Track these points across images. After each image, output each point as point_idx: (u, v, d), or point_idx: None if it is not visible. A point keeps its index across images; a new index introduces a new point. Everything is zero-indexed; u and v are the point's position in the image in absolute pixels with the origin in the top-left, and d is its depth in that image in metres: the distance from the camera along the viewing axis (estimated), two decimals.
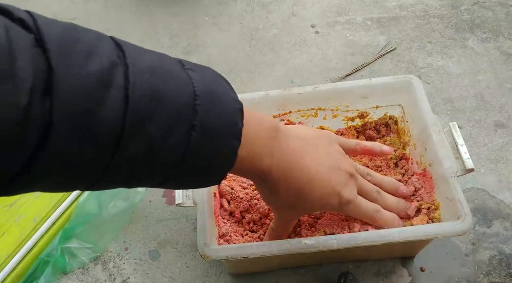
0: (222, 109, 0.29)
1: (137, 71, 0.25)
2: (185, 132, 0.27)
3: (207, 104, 0.28)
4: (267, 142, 0.35)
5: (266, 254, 0.42)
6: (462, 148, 0.46)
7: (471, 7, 0.79)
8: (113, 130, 0.23)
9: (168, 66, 0.27)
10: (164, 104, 0.25)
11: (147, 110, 0.24)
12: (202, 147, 0.28)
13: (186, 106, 0.27)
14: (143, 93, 0.24)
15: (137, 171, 0.26)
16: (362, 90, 0.54)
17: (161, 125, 0.25)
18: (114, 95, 0.23)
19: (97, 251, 0.56)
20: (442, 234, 0.42)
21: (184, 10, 0.84)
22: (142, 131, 0.24)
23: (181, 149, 0.27)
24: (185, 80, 0.28)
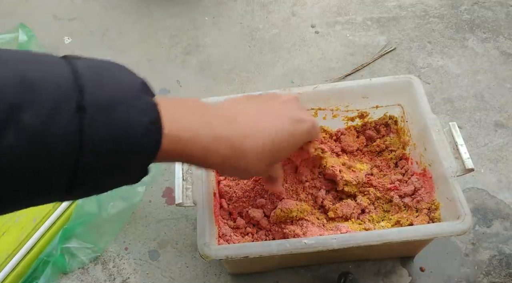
0: (117, 84, 0.26)
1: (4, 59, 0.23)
2: (71, 115, 0.23)
3: (95, 82, 0.25)
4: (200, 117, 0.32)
5: (266, 253, 0.42)
6: (462, 148, 0.46)
7: (471, 7, 0.79)
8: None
9: (39, 56, 0.25)
10: (36, 90, 0.23)
11: (14, 98, 0.22)
12: (100, 128, 0.24)
13: (65, 87, 0.24)
14: (6, 81, 0.22)
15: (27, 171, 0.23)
16: (362, 90, 0.53)
17: (36, 111, 0.22)
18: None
19: (97, 251, 0.56)
20: (442, 234, 0.42)
21: (184, 10, 0.84)
22: (15, 122, 0.22)
23: (74, 136, 0.24)
24: (61, 64, 0.25)
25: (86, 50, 0.79)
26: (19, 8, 0.87)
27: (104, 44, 0.80)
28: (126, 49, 0.79)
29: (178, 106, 0.31)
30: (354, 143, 0.56)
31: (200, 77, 0.74)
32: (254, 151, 0.34)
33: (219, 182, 0.53)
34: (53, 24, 0.84)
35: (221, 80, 0.74)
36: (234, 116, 0.34)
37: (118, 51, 0.79)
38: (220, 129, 0.32)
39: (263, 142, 0.34)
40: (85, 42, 0.81)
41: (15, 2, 0.88)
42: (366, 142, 0.57)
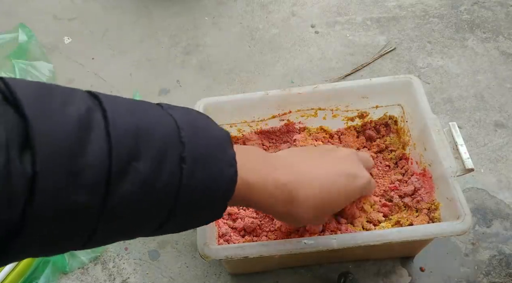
0: (209, 139, 0.29)
1: (115, 112, 0.25)
2: (175, 165, 0.26)
3: (193, 136, 0.28)
4: (267, 166, 0.35)
5: (266, 254, 0.42)
6: (462, 148, 0.46)
7: (471, 7, 0.79)
8: (100, 171, 0.23)
9: (145, 106, 0.28)
10: (148, 140, 0.25)
11: (131, 147, 0.24)
12: (196, 178, 0.27)
13: (171, 139, 0.27)
14: (125, 131, 0.24)
15: (134, 213, 0.26)
16: (362, 90, 0.54)
17: (149, 161, 0.25)
18: (95, 136, 0.23)
19: (97, 251, 0.56)
20: (442, 234, 0.42)
21: (184, 10, 0.84)
22: (130, 169, 0.24)
23: (175, 182, 0.26)
24: (165, 116, 0.28)
25: (86, 50, 0.79)
26: (19, 8, 0.87)
27: (104, 44, 0.80)
28: (126, 49, 0.79)
29: (248, 154, 0.34)
30: (354, 143, 0.56)
31: (200, 77, 0.74)
32: (306, 201, 0.36)
33: None
34: (53, 24, 0.84)
35: (221, 80, 0.74)
36: (292, 165, 0.37)
37: (118, 51, 0.79)
38: (280, 175, 0.35)
39: (315, 192, 0.36)
40: (85, 42, 0.81)
41: (15, 2, 0.88)
42: (366, 142, 0.57)
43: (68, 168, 0.22)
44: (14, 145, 0.20)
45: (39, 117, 0.21)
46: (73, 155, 0.22)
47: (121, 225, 0.26)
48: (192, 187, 0.27)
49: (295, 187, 0.35)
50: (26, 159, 0.21)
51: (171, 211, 0.27)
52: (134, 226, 0.27)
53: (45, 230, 0.22)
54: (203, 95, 0.68)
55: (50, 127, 0.21)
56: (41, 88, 0.23)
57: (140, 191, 0.25)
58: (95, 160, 0.23)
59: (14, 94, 0.21)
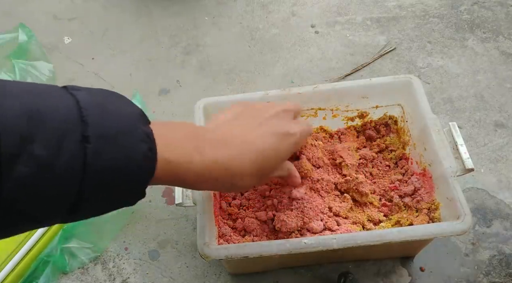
0: (118, 116, 0.28)
1: (5, 95, 0.24)
2: (76, 145, 0.25)
3: (98, 114, 0.27)
4: (192, 142, 0.34)
5: (266, 253, 0.42)
6: (462, 148, 0.46)
7: (471, 7, 0.79)
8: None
9: (43, 88, 0.27)
10: (43, 121, 0.24)
11: (24, 130, 0.23)
12: (103, 157, 0.26)
13: (70, 119, 0.26)
14: (15, 113, 0.24)
15: (35, 197, 0.25)
16: (362, 90, 0.54)
17: (45, 142, 0.24)
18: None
19: (97, 251, 0.56)
20: (442, 234, 0.42)
21: (184, 10, 0.84)
22: (24, 152, 0.23)
23: (78, 163, 0.25)
24: (65, 97, 0.27)
25: (86, 50, 0.79)
26: (19, 8, 0.87)
27: (104, 44, 0.80)
28: (126, 49, 0.79)
29: (171, 131, 0.33)
30: (354, 143, 0.56)
31: (200, 77, 0.74)
32: (241, 172, 0.36)
33: None
34: (53, 24, 0.84)
35: (221, 80, 0.74)
36: (223, 139, 0.36)
37: (118, 51, 0.79)
38: (211, 154, 0.34)
39: (249, 162, 0.36)
40: (85, 42, 0.81)
41: (15, 2, 0.88)
42: (366, 142, 0.57)
43: None
44: None
45: None
46: None
47: (25, 210, 0.25)
48: (100, 167, 0.26)
49: (230, 162, 0.35)
50: None
51: (79, 193, 0.26)
52: (39, 210, 0.26)
53: None
54: (203, 95, 0.68)
55: None
56: None
57: (38, 174, 0.24)
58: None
59: None
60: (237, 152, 0.36)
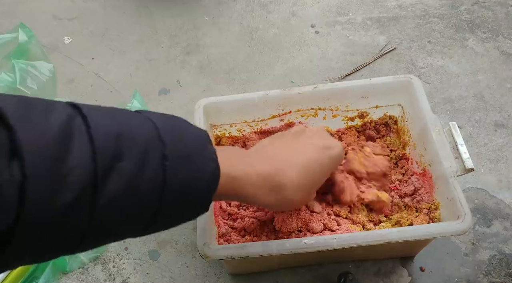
0: (189, 137, 0.31)
1: (95, 117, 0.26)
2: (158, 163, 0.27)
3: (172, 135, 0.29)
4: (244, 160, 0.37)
5: (266, 253, 0.42)
6: (462, 148, 0.46)
7: (471, 7, 0.79)
8: (86, 172, 0.24)
9: (124, 112, 0.29)
10: (129, 141, 0.26)
11: (114, 149, 0.25)
12: (179, 174, 0.29)
13: (152, 139, 0.28)
14: (106, 133, 0.25)
15: (122, 213, 0.26)
16: (362, 90, 0.54)
17: (133, 160, 0.26)
18: (78, 140, 0.24)
19: (97, 251, 0.56)
20: (442, 234, 0.42)
21: (184, 10, 0.84)
22: (115, 169, 0.25)
23: (159, 180, 0.27)
24: (144, 119, 0.29)
25: (86, 50, 0.79)
26: (19, 8, 0.87)
27: (104, 44, 0.80)
28: (126, 49, 0.79)
29: (227, 152, 0.36)
30: (354, 143, 0.56)
31: (200, 77, 0.74)
32: (290, 182, 0.38)
33: None
34: (53, 24, 0.84)
35: (221, 80, 0.74)
36: (268, 156, 0.39)
37: (118, 51, 0.79)
38: (261, 168, 0.37)
39: (296, 173, 0.38)
40: (85, 42, 0.81)
41: (15, 2, 0.88)
42: (366, 142, 0.57)
43: (55, 171, 0.23)
44: (2, 154, 0.21)
45: (23, 126, 0.22)
46: (58, 159, 0.23)
47: (111, 225, 0.27)
48: (176, 183, 0.29)
49: (278, 174, 0.37)
50: (14, 167, 0.21)
51: (157, 209, 0.28)
52: (123, 226, 0.28)
53: (37, 236, 0.23)
54: (203, 95, 0.68)
55: (34, 135, 0.22)
56: (21, 100, 0.24)
57: (126, 190, 0.26)
58: (80, 162, 0.24)
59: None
60: (283, 165, 0.38)
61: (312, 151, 0.41)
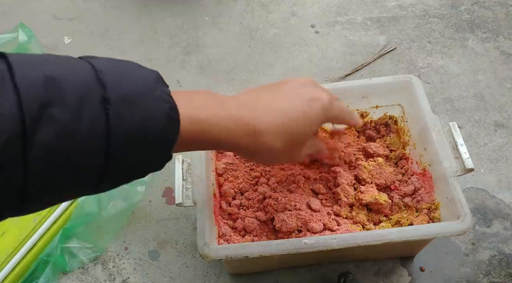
0: (136, 79, 0.28)
1: (21, 65, 0.24)
2: (98, 108, 0.25)
3: (115, 77, 0.27)
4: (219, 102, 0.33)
5: (266, 253, 0.42)
6: (462, 148, 0.46)
7: (471, 7, 0.79)
8: (12, 122, 0.22)
9: (59, 57, 0.27)
10: (62, 87, 0.24)
11: (43, 96, 0.24)
12: (125, 117, 0.26)
13: (89, 83, 0.26)
14: (34, 80, 0.24)
15: (63, 162, 0.25)
16: (362, 90, 0.54)
17: (66, 106, 0.24)
18: (2, 89, 0.23)
19: (97, 251, 0.56)
20: (442, 234, 0.42)
21: (184, 10, 0.84)
22: (47, 116, 0.23)
23: (101, 125, 0.25)
24: (80, 63, 0.27)
25: (86, 50, 0.79)
26: (19, 8, 0.87)
27: (104, 44, 0.80)
28: (126, 49, 0.79)
29: (194, 94, 0.33)
30: (354, 143, 0.56)
31: (200, 77, 0.74)
32: (269, 130, 0.35)
33: (220, 184, 0.53)
34: (53, 24, 0.84)
35: (221, 80, 0.74)
36: (247, 100, 0.36)
37: (118, 51, 0.79)
38: (235, 110, 0.34)
39: (277, 121, 0.35)
40: (85, 42, 0.81)
41: (15, 2, 0.88)
42: (366, 142, 0.56)
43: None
44: None
45: None
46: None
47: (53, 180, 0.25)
48: (124, 128, 0.26)
49: (255, 117, 0.34)
50: None
51: (107, 156, 0.26)
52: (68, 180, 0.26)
53: None
54: None
55: None
56: None
57: (62, 138, 0.24)
58: (4, 111, 0.22)
59: None
60: (263, 114, 0.35)
61: (297, 100, 0.37)
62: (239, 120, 0.33)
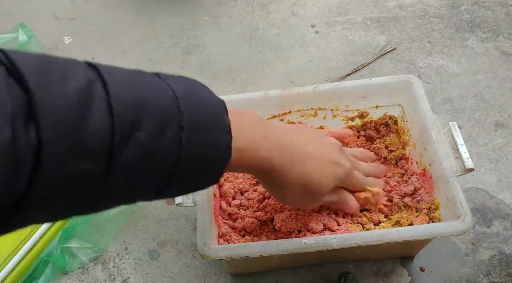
0: (206, 107, 0.30)
1: (115, 84, 0.25)
2: (175, 134, 0.27)
3: (190, 105, 0.29)
4: (258, 131, 0.36)
5: (266, 253, 0.42)
6: (462, 148, 0.46)
7: (471, 7, 0.79)
8: (103, 141, 0.24)
9: (144, 77, 0.29)
10: (148, 110, 0.26)
11: (133, 118, 0.25)
12: (194, 145, 0.29)
13: (171, 108, 0.28)
14: (126, 102, 0.25)
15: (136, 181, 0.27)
16: (362, 90, 0.54)
17: (150, 130, 0.26)
18: (97, 107, 0.24)
19: (97, 251, 0.56)
20: (442, 234, 0.42)
21: (184, 10, 0.84)
22: (132, 138, 0.25)
23: (175, 150, 0.28)
24: (164, 87, 0.29)
25: (86, 50, 0.79)
26: (19, 8, 0.87)
27: (104, 44, 0.80)
28: (126, 49, 0.79)
29: (243, 120, 0.36)
30: (354, 143, 0.56)
31: (200, 77, 0.74)
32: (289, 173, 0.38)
33: (220, 184, 0.53)
34: (53, 24, 0.84)
35: (221, 80, 0.74)
36: (288, 136, 0.39)
37: (118, 51, 0.79)
38: (276, 143, 0.37)
39: (304, 169, 0.39)
40: (85, 42, 0.81)
41: (15, 2, 0.88)
42: (366, 142, 0.57)
43: (72, 137, 0.23)
44: (19, 117, 0.21)
45: (41, 90, 0.22)
46: (76, 125, 0.23)
47: (123, 191, 0.27)
48: (191, 154, 0.29)
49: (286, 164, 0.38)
50: (31, 130, 0.21)
51: (171, 178, 0.29)
52: (134, 192, 0.28)
53: (51, 197, 0.23)
54: None
55: (52, 100, 0.22)
56: (41, 61, 0.23)
57: (142, 159, 0.26)
58: (97, 130, 0.23)
59: (16, 68, 0.22)
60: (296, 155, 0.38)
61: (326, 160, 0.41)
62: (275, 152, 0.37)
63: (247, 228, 0.49)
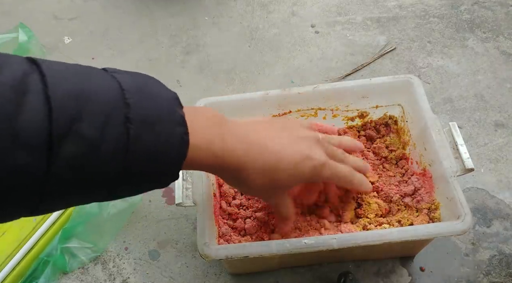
0: (156, 100, 0.29)
1: (54, 76, 0.25)
2: (121, 127, 0.26)
3: (139, 97, 0.28)
4: (215, 129, 0.34)
5: (266, 253, 0.42)
6: (462, 148, 0.46)
7: (471, 7, 0.79)
8: (40, 133, 0.23)
9: (88, 70, 0.28)
10: (90, 103, 0.25)
11: (73, 110, 0.24)
12: (144, 138, 0.27)
13: (115, 101, 0.27)
14: (65, 94, 0.24)
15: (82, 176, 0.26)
16: (362, 90, 0.54)
17: (92, 122, 0.25)
18: (33, 98, 0.23)
19: (97, 251, 0.56)
20: (442, 234, 0.42)
21: (184, 10, 0.84)
22: (73, 131, 0.24)
23: (122, 143, 0.26)
24: (109, 79, 0.28)
25: (86, 50, 0.79)
26: (19, 8, 0.87)
27: (104, 44, 0.80)
28: (126, 49, 0.79)
29: (197, 116, 0.34)
30: None
31: (200, 77, 0.74)
32: (253, 167, 0.36)
33: (220, 184, 0.53)
34: (53, 24, 0.84)
35: (221, 80, 0.74)
36: (246, 133, 0.37)
37: (118, 51, 0.79)
38: (230, 143, 0.35)
39: (262, 163, 0.36)
40: (85, 42, 0.81)
41: (15, 2, 0.88)
42: (366, 142, 0.57)
43: (5, 129, 0.22)
44: None
45: None
46: (9, 116, 0.22)
47: (70, 187, 0.26)
48: (142, 148, 0.27)
49: (244, 154, 0.36)
50: None
51: (121, 174, 0.27)
52: (83, 189, 0.27)
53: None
54: (203, 95, 0.68)
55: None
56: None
57: (86, 153, 0.25)
58: (32, 122, 0.23)
59: None
60: (255, 150, 0.36)
61: (293, 151, 0.38)
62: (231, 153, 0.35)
63: (247, 228, 0.49)
